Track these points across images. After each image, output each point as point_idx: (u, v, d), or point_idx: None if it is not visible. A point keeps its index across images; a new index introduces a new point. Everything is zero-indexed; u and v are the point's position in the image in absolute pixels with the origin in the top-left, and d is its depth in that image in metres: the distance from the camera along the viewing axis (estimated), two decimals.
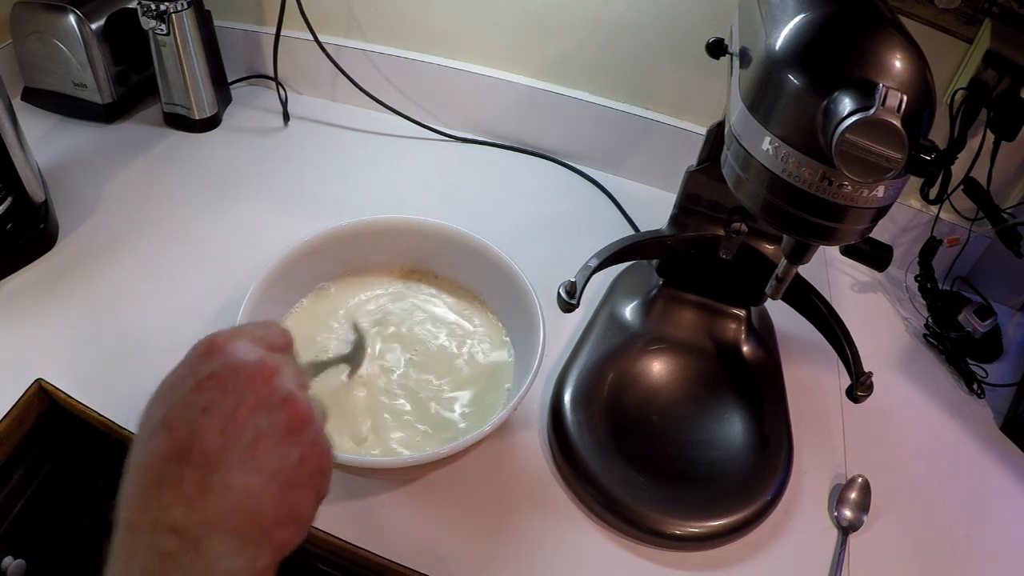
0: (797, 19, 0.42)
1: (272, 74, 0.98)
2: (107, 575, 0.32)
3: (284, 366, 0.37)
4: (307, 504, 0.36)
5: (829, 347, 0.64)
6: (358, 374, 0.60)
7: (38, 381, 0.62)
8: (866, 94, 0.37)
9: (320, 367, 0.54)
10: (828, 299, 0.65)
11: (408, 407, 0.61)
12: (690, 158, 0.65)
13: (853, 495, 0.62)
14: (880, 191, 0.41)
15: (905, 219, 0.86)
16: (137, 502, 0.33)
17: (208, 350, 0.37)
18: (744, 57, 0.48)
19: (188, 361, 0.38)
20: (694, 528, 0.56)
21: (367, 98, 0.98)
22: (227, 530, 0.32)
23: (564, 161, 0.97)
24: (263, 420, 0.35)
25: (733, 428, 0.64)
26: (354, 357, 0.59)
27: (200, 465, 0.33)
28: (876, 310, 0.84)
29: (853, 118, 0.36)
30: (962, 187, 0.77)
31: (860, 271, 0.88)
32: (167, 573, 0.31)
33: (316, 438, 0.37)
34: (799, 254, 0.50)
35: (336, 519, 0.56)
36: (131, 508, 0.33)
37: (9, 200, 0.72)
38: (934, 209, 0.82)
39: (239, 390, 0.35)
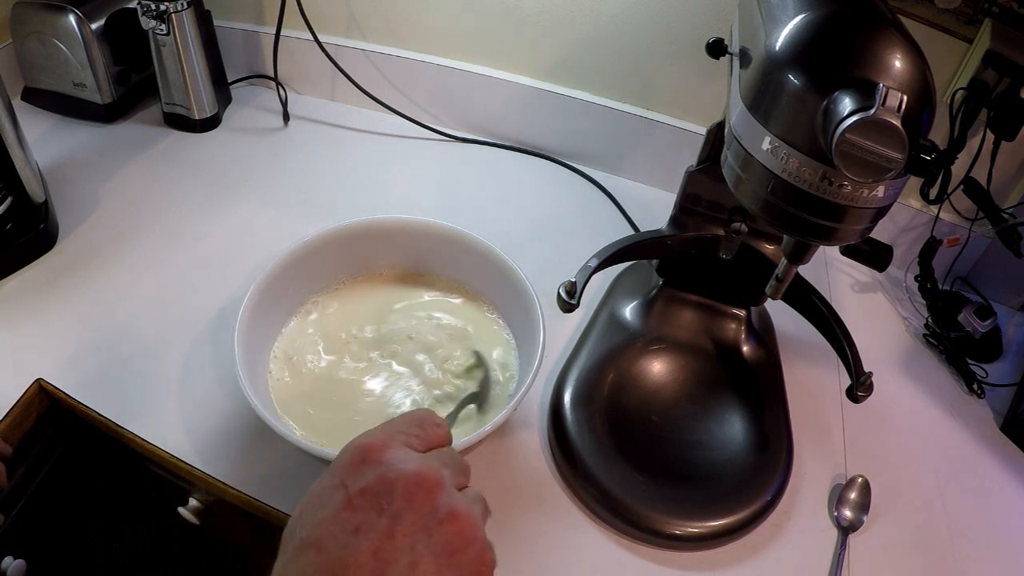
0: (797, 19, 0.42)
1: (272, 74, 0.98)
2: None
3: (444, 470, 0.35)
4: None
5: (829, 347, 0.64)
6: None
7: (38, 381, 0.62)
8: (866, 94, 0.37)
9: (453, 418, 0.54)
10: (828, 299, 0.65)
11: (408, 407, 0.61)
12: (690, 158, 0.65)
13: (853, 495, 0.62)
14: (880, 191, 0.41)
15: (905, 219, 0.86)
16: None
17: (361, 460, 0.34)
18: (744, 57, 0.48)
19: (337, 470, 0.34)
20: (694, 528, 0.56)
21: (367, 98, 0.98)
22: None
23: (564, 161, 0.97)
24: (422, 542, 0.32)
25: (733, 428, 0.64)
26: (483, 392, 0.59)
27: None
28: (876, 310, 0.84)
29: (853, 118, 0.36)
30: (962, 187, 0.77)
31: (860, 271, 0.88)
32: None
33: (480, 555, 0.33)
34: (799, 254, 0.50)
35: None
36: None
37: (9, 200, 0.72)
38: (934, 209, 0.82)
39: (395, 510, 0.32)
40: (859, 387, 0.58)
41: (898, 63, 0.39)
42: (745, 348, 0.69)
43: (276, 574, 0.32)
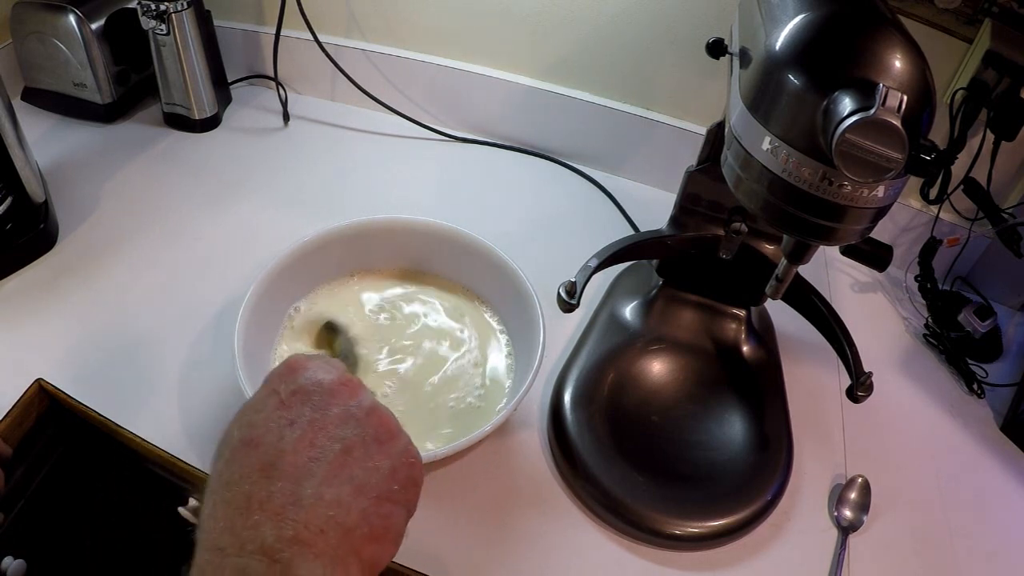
0: (797, 19, 0.42)
1: (272, 74, 0.98)
2: None
3: (364, 385, 0.37)
4: (397, 519, 0.34)
5: (829, 347, 0.64)
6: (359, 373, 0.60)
7: (38, 381, 0.62)
8: (866, 94, 0.37)
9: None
10: (828, 299, 0.65)
11: (408, 407, 0.61)
12: (690, 158, 0.65)
13: (853, 495, 0.62)
14: (880, 191, 0.41)
15: (905, 219, 0.86)
16: (223, 523, 0.31)
17: (288, 369, 0.37)
18: (744, 57, 0.48)
19: (267, 382, 0.37)
20: (694, 528, 0.56)
21: (367, 98, 0.98)
22: (317, 549, 0.30)
23: (564, 161, 0.97)
24: (351, 430, 0.34)
25: (733, 428, 0.64)
26: (346, 355, 0.59)
27: (290, 478, 0.31)
28: (876, 310, 0.84)
29: (853, 118, 0.36)
30: (962, 187, 0.77)
31: (860, 271, 0.88)
32: None
33: (406, 447, 0.35)
34: (799, 254, 0.50)
35: None
36: (216, 530, 0.31)
37: (9, 200, 0.72)
38: (934, 209, 0.82)
39: (324, 403, 0.34)
40: (859, 387, 0.58)
41: (898, 63, 0.39)
42: (745, 348, 0.69)
43: (214, 477, 0.33)
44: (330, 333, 0.63)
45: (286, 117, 0.99)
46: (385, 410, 0.36)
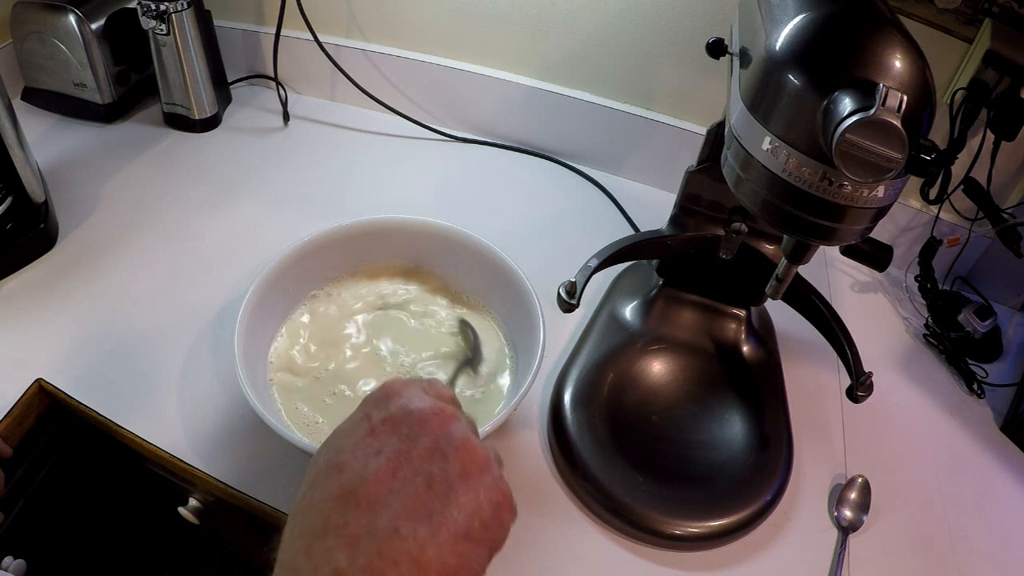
0: (797, 19, 0.42)
1: (272, 74, 0.98)
2: None
3: (460, 414, 0.36)
4: (475, 557, 0.32)
5: (829, 347, 0.64)
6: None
7: (38, 381, 0.62)
8: (866, 94, 0.37)
9: (452, 384, 0.56)
10: (828, 299, 0.65)
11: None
12: (690, 158, 0.65)
13: (853, 495, 0.62)
14: (880, 191, 0.41)
15: (905, 219, 0.86)
16: (300, 544, 0.31)
17: (384, 395, 0.36)
18: (744, 57, 0.48)
19: (363, 406, 0.37)
20: (694, 528, 0.56)
21: (367, 98, 0.98)
22: None
23: (564, 161, 0.97)
24: (437, 463, 0.33)
25: (733, 428, 0.64)
26: (475, 356, 0.62)
27: (367, 507, 0.31)
28: (876, 310, 0.84)
29: (853, 118, 0.36)
30: (962, 187, 0.77)
31: (860, 271, 0.88)
32: None
33: (495, 485, 0.34)
34: (799, 254, 0.50)
35: None
36: (293, 551, 0.31)
37: (9, 200, 0.72)
38: (934, 209, 0.82)
39: (414, 434, 0.34)
40: (859, 387, 0.58)
41: (898, 63, 0.39)
42: (745, 348, 0.69)
43: (299, 499, 0.33)
44: (463, 329, 0.66)
45: (286, 117, 0.99)
46: (477, 443, 0.35)
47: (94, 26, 0.86)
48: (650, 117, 0.90)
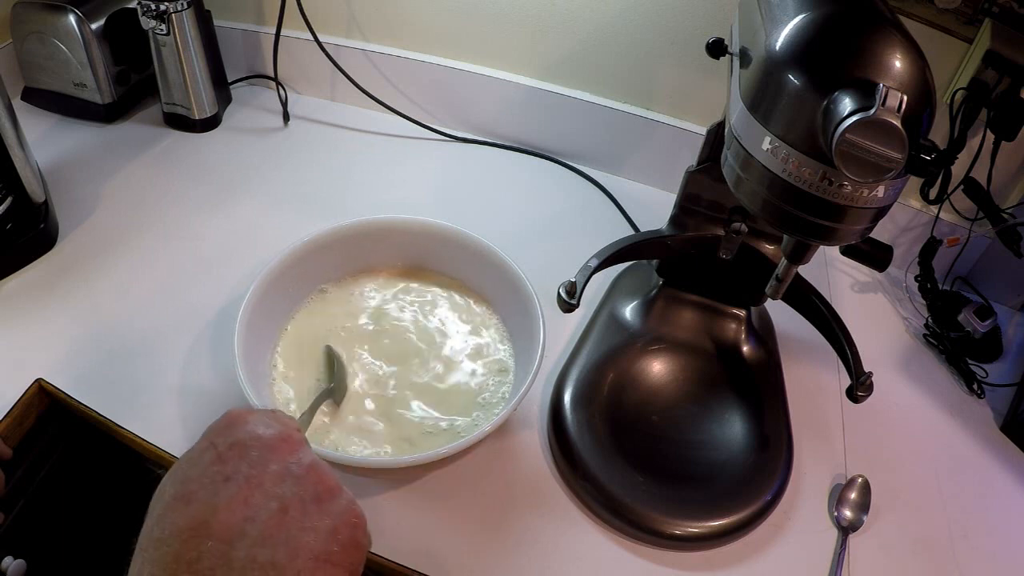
0: (797, 19, 0.42)
1: (272, 74, 0.98)
2: None
3: (306, 442, 0.36)
4: None
5: (829, 347, 0.64)
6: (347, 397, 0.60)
7: (38, 381, 0.62)
8: (866, 94, 0.37)
9: (311, 414, 0.55)
10: (828, 299, 0.65)
11: (407, 407, 0.61)
12: (690, 158, 0.65)
13: (853, 495, 0.62)
14: (880, 191, 0.41)
15: (905, 219, 0.86)
16: None
17: (228, 423, 0.35)
18: (744, 57, 0.48)
19: (207, 435, 0.35)
20: (694, 528, 0.56)
21: (367, 98, 0.98)
22: None
23: (564, 161, 0.97)
24: (289, 488, 0.32)
25: (733, 428, 0.64)
26: (336, 389, 0.59)
27: (222, 538, 0.29)
28: (876, 310, 0.84)
29: (853, 118, 0.36)
30: (962, 187, 0.77)
31: (860, 271, 0.88)
32: None
33: (348, 507, 0.33)
34: (799, 254, 0.50)
35: None
36: None
37: (9, 200, 0.72)
38: (934, 209, 0.82)
39: (263, 459, 0.33)
40: (859, 387, 0.58)
41: (898, 63, 0.39)
42: (745, 348, 0.69)
43: (144, 534, 0.31)
44: (328, 357, 0.63)
45: (286, 117, 0.99)
46: (326, 467, 0.34)
47: (94, 26, 0.86)
48: (650, 117, 0.90)
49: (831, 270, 0.88)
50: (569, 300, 0.59)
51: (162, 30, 0.85)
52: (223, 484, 0.31)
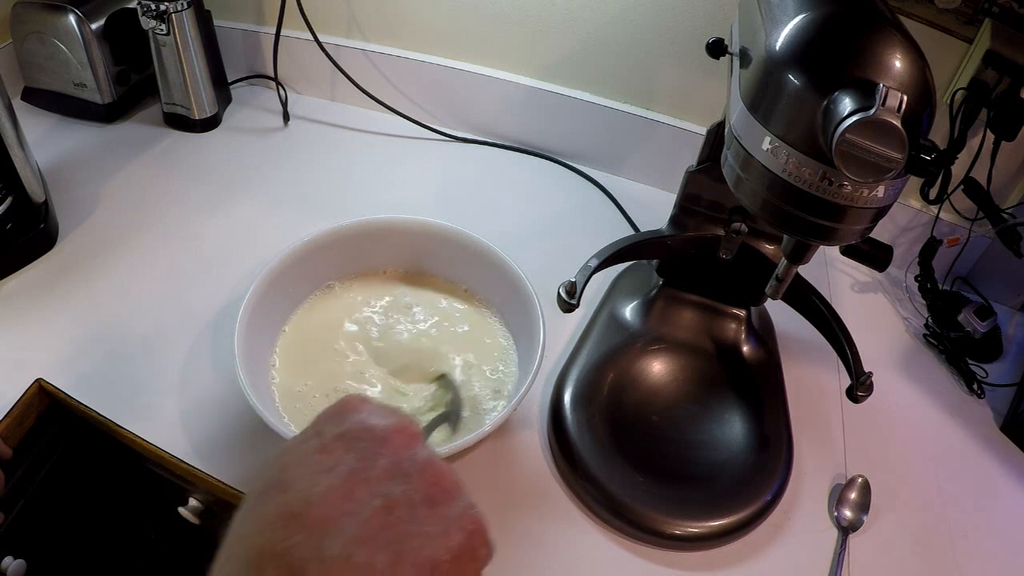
0: (797, 19, 0.42)
1: (272, 74, 0.98)
2: None
3: (424, 436, 0.32)
4: None
5: (829, 347, 0.64)
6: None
7: (38, 381, 0.62)
8: (866, 94, 0.37)
9: (426, 434, 0.53)
10: (828, 299, 0.65)
11: (408, 407, 0.61)
12: (690, 158, 0.65)
13: (853, 495, 0.62)
14: (880, 191, 0.41)
15: (905, 219, 0.86)
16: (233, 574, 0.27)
17: (339, 409, 0.32)
18: (744, 57, 0.48)
19: (315, 421, 0.32)
20: (694, 528, 0.56)
21: (367, 98, 0.98)
22: None
23: (564, 161, 0.97)
24: (398, 487, 0.29)
25: (733, 428, 0.64)
26: (453, 413, 0.59)
27: (315, 531, 0.26)
28: (876, 310, 0.84)
29: (853, 118, 0.36)
30: (962, 187, 0.77)
31: (860, 271, 0.88)
32: None
33: (465, 512, 0.30)
34: (799, 254, 0.50)
35: None
36: None
37: (9, 200, 0.72)
38: (934, 209, 0.82)
39: (372, 452, 0.29)
40: (859, 387, 0.58)
41: (898, 63, 0.39)
42: (745, 348, 0.69)
43: (233, 525, 0.29)
44: (441, 386, 0.62)
45: (286, 117, 0.99)
46: (444, 466, 0.31)
47: (94, 26, 0.86)
48: (650, 117, 0.90)
49: (831, 270, 0.88)
50: (569, 300, 0.59)
51: (162, 30, 0.85)
52: (324, 475, 0.28)
